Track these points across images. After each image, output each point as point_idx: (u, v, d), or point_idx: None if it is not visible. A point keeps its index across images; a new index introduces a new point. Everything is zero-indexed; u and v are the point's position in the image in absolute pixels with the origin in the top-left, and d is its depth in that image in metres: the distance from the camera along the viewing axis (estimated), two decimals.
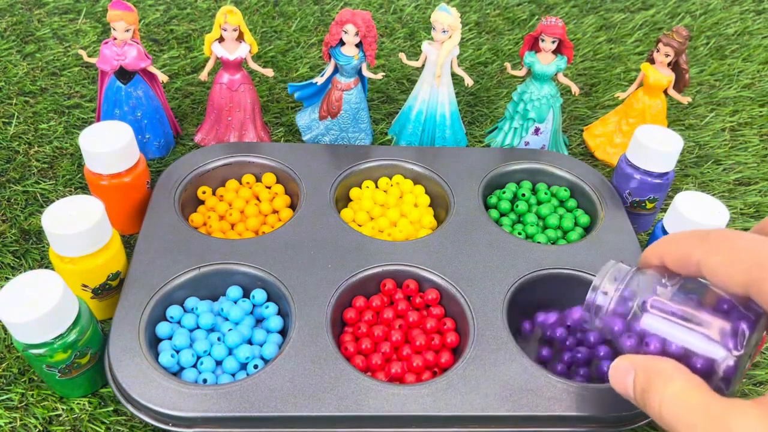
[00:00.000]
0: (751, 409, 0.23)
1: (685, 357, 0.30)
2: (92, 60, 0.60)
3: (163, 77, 0.61)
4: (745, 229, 0.43)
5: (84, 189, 0.60)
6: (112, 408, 0.45)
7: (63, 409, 0.45)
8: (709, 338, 0.29)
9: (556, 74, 0.63)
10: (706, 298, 0.30)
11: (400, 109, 0.69)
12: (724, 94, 0.79)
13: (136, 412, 0.42)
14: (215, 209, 0.57)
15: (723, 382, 0.28)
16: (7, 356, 0.48)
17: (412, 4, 0.91)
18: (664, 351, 0.30)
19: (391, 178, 0.61)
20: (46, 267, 0.53)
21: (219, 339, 0.47)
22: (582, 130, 0.72)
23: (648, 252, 0.32)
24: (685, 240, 0.29)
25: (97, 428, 0.44)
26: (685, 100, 0.65)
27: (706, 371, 0.29)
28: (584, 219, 0.58)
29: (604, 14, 0.92)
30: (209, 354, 0.46)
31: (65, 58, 0.76)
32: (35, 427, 0.44)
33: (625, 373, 0.29)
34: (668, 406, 0.26)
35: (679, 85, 0.64)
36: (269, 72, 0.63)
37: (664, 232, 0.53)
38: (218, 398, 0.41)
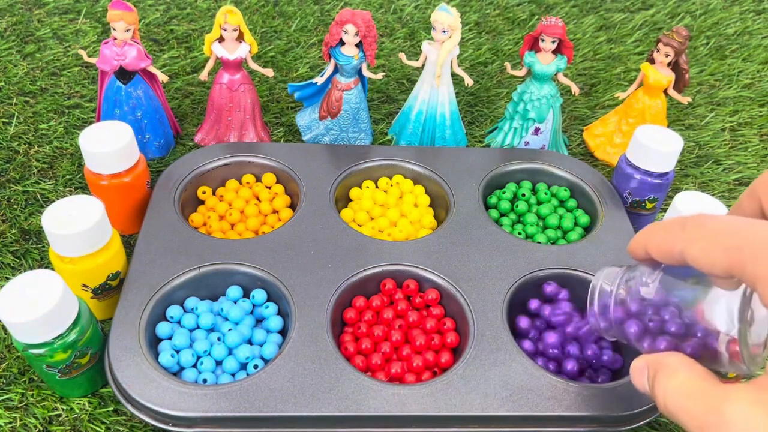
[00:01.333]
0: (744, 392, 0.24)
1: (690, 344, 0.30)
2: (92, 60, 0.60)
3: (163, 77, 0.61)
4: None
5: (84, 189, 0.60)
6: (112, 408, 0.45)
7: (63, 409, 0.45)
8: (703, 322, 0.29)
9: (556, 74, 0.63)
10: (691, 283, 0.31)
11: (400, 109, 0.69)
12: (724, 94, 0.79)
13: (136, 412, 0.42)
14: (215, 209, 0.57)
15: (735, 359, 0.28)
16: (7, 356, 0.48)
17: (412, 4, 0.91)
18: (675, 343, 0.31)
19: (391, 178, 0.61)
20: (46, 267, 0.53)
21: (219, 339, 0.47)
22: (582, 130, 0.72)
23: (633, 244, 0.32)
24: (666, 231, 0.29)
25: (97, 428, 0.44)
26: (685, 100, 0.65)
27: (713, 353, 0.29)
28: (584, 219, 0.58)
29: (604, 14, 0.92)
30: (209, 354, 0.46)
31: (65, 58, 0.76)
32: (35, 427, 0.44)
33: (641, 372, 0.30)
34: (671, 398, 0.27)
35: (679, 85, 0.64)
36: (269, 72, 0.63)
37: None
38: (218, 398, 0.41)
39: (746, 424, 0.23)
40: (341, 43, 0.59)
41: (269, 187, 0.60)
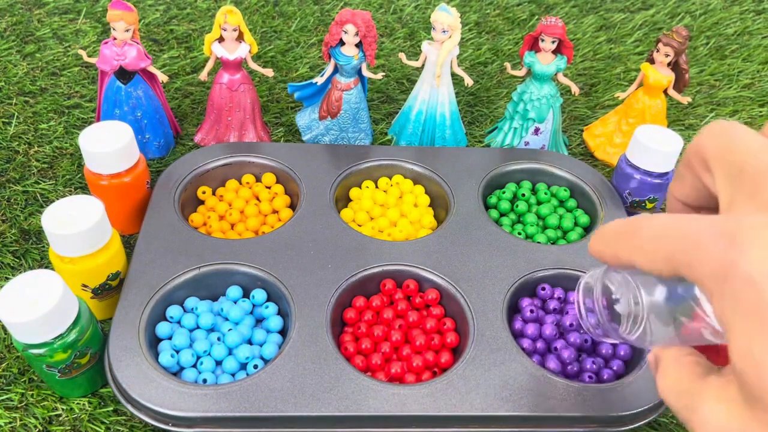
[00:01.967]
0: (713, 389, 0.24)
1: (679, 335, 0.30)
2: (92, 60, 0.60)
3: (163, 77, 0.61)
4: None
5: (84, 189, 0.60)
6: (112, 408, 0.45)
7: (63, 409, 0.45)
8: (681, 317, 0.29)
9: (556, 74, 0.63)
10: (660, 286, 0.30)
11: (400, 109, 0.69)
12: (724, 94, 0.79)
13: (136, 412, 0.42)
14: (215, 209, 0.57)
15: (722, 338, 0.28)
16: (7, 356, 0.48)
17: (412, 4, 0.91)
18: (667, 338, 0.31)
19: (391, 178, 0.61)
20: (46, 267, 0.53)
21: (219, 339, 0.47)
22: (582, 130, 0.72)
23: (591, 251, 0.31)
24: (610, 238, 0.29)
25: (97, 428, 0.44)
26: (685, 100, 0.65)
27: (701, 337, 0.29)
28: (584, 219, 0.58)
29: (604, 14, 0.92)
30: (209, 354, 0.46)
31: (65, 58, 0.76)
32: (35, 427, 0.44)
33: (651, 365, 0.30)
34: (663, 395, 0.27)
35: (679, 85, 0.64)
36: (269, 72, 0.63)
37: None
38: (218, 398, 0.41)
39: (716, 421, 0.23)
40: (341, 43, 0.59)
41: (269, 187, 0.60)
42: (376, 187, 0.60)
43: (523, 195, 0.60)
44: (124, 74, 0.60)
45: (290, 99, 0.73)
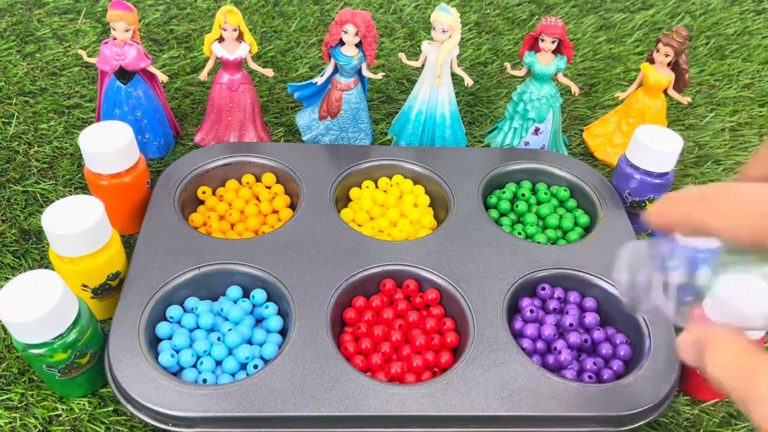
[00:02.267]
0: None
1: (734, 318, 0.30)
2: (92, 60, 0.60)
3: (162, 77, 0.61)
4: None
5: (84, 189, 0.60)
6: (112, 408, 0.45)
7: (63, 409, 0.45)
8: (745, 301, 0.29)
9: (555, 74, 0.63)
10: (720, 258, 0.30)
11: (400, 109, 0.69)
12: (724, 94, 0.79)
13: (135, 412, 0.42)
14: (215, 209, 0.57)
15: None
16: (7, 356, 0.48)
17: (412, 4, 0.91)
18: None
19: (391, 178, 0.61)
20: (46, 267, 0.53)
21: (219, 339, 0.47)
22: (582, 130, 0.72)
23: (652, 215, 0.31)
24: (683, 202, 0.28)
25: (97, 428, 0.44)
26: (685, 100, 0.65)
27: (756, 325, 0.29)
28: (584, 219, 0.58)
29: (604, 14, 0.92)
30: (209, 354, 0.46)
31: (65, 58, 0.76)
32: (35, 427, 0.44)
33: (690, 347, 0.30)
34: (718, 373, 0.27)
35: (679, 85, 0.64)
36: (269, 72, 0.63)
37: None
38: (218, 398, 0.41)
39: None
40: (341, 43, 0.59)
41: (269, 187, 0.60)
42: (376, 187, 0.60)
43: (523, 195, 0.60)
44: (124, 74, 0.60)
45: (290, 99, 0.73)
